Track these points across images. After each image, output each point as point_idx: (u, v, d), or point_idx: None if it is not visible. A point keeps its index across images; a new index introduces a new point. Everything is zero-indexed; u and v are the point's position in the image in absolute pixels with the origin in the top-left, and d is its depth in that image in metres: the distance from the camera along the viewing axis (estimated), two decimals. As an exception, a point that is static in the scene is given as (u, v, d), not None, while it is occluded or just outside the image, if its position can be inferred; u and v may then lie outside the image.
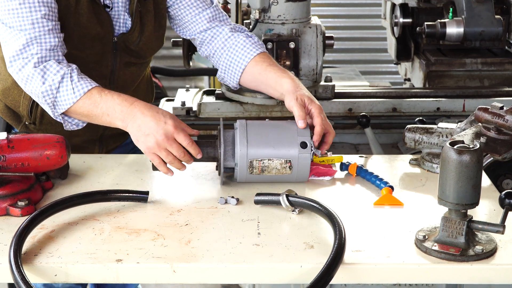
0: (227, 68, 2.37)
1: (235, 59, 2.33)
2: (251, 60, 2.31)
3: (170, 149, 1.99)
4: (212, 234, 1.80)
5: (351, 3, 7.25)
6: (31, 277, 1.61)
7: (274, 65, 2.29)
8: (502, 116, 1.87)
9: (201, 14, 2.38)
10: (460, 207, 1.65)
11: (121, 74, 2.37)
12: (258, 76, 2.29)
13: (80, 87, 2.07)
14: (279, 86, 2.21)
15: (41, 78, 2.07)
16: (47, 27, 2.09)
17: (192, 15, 2.38)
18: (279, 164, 2.04)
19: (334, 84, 3.50)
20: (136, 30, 2.31)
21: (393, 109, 3.46)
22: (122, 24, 2.29)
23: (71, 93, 2.07)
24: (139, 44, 2.34)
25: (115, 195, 1.97)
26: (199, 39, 2.41)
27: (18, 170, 1.95)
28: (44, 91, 2.07)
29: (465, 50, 4.04)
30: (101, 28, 2.25)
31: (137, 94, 2.39)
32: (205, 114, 3.40)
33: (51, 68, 2.08)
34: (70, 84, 2.07)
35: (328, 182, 2.14)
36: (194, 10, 2.38)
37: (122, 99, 2.06)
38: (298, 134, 2.05)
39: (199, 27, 2.39)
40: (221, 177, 2.06)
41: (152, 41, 2.39)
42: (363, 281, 1.68)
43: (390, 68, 6.87)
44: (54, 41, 2.10)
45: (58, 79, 2.07)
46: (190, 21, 2.39)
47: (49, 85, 2.07)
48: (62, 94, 2.08)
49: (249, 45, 2.33)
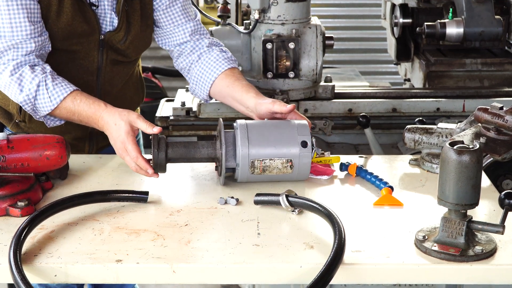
0: (198, 81, 2.42)
1: (207, 71, 2.39)
2: (221, 74, 2.37)
3: (125, 161, 2.09)
4: (212, 235, 1.80)
5: (351, 3, 7.25)
6: (31, 277, 1.61)
7: (242, 79, 2.35)
8: (501, 116, 1.87)
9: (184, 25, 2.43)
10: (460, 207, 1.65)
11: (108, 71, 2.39)
12: (225, 89, 2.35)
13: (56, 95, 2.16)
14: (244, 101, 2.28)
15: (18, 86, 2.16)
16: (25, 31, 2.15)
17: (175, 25, 2.43)
18: (280, 164, 2.04)
19: (334, 84, 3.50)
20: (123, 29, 2.33)
21: (393, 110, 3.46)
22: (108, 23, 2.32)
23: (48, 101, 2.17)
24: (126, 43, 2.36)
25: (115, 196, 1.97)
26: (178, 51, 2.46)
27: (18, 170, 1.95)
28: (22, 100, 2.17)
29: (465, 51, 4.04)
30: (87, 26, 2.28)
31: (126, 92, 2.42)
32: (205, 114, 3.40)
33: (26, 76, 2.16)
34: (46, 92, 2.16)
35: (327, 182, 2.14)
36: (177, 20, 2.42)
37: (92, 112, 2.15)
38: (298, 133, 2.06)
39: (180, 38, 2.44)
40: (222, 178, 2.06)
41: (138, 40, 2.41)
42: (363, 282, 1.68)
43: (390, 68, 6.86)
44: (31, 46, 2.17)
45: (34, 88, 2.16)
46: (172, 31, 2.44)
47: (26, 95, 2.16)
48: (40, 102, 2.17)
49: (222, 59, 2.40)
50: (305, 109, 3.36)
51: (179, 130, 3.45)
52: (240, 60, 3.39)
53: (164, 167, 2.04)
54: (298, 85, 3.29)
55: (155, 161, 2.02)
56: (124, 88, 2.47)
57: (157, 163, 2.02)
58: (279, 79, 3.26)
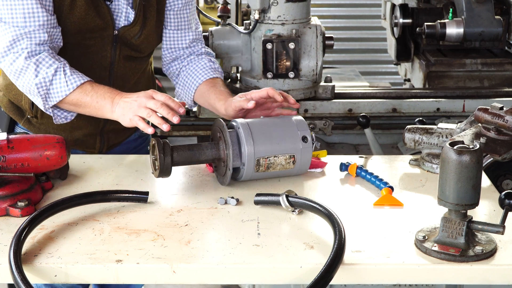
0: (184, 86, 2.49)
1: (193, 77, 2.46)
2: (205, 81, 2.43)
3: (149, 105, 2.07)
4: (212, 235, 1.80)
5: (351, 3, 7.26)
6: (31, 277, 1.61)
7: (220, 86, 2.40)
8: (502, 116, 1.87)
9: (187, 32, 2.49)
10: (460, 207, 1.65)
11: (120, 67, 2.40)
12: (204, 95, 2.42)
13: (73, 81, 2.16)
14: (217, 107, 2.33)
15: (34, 71, 2.15)
16: (38, 22, 2.15)
17: (180, 29, 2.48)
18: (283, 160, 2.06)
19: (334, 84, 3.50)
20: (138, 24, 2.34)
21: (393, 110, 3.46)
22: (124, 17, 2.32)
23: (64, 85, 2.15)
24: (140, 37, 2.37)
25: (115, 196, 1.97)
26: (174, 55, 2.52)
27: (18, 170, 1.95)
28: (38, 83, 2.15)
29: (465, 51, 4.04)
30: (100, 21, 2.27)
31: (138, 88, 2.42)
32: (205, 114, 3.40)
33: (43, 61, 2.15)
34: (63, 77, 2.15)
35: (326, 182, 2.14)
36: (184, 25, 2.48)
37: (112, 89, 2.18)
38: (298, 128, 2.09)
39: (180, 43, 2.50)
40: (227, 178, 2.06)
41: (152, 35, 2.43)
42: (363, 282, 1.68)
43: (390, 68, 6.87)
44: (44, 36, 2.16)
45: (51, 72, 2.15)
46: (175, 35, 2.49)
47: (42, 77, 2.14)
48: (55, 87, 2.16)
49: (208, 68, 2.46)
50: (305, 109, 3.37)
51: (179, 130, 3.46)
52: (240, 60, 3.39)
53: (170, 171, 2.04)
54: (298, 85, 3.29)
55: (162, 166, 2.01)
56: (136, 85, 2.49)
57: (163, 168, 2.01)
58: (279, 79, 3.27)
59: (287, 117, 2.15)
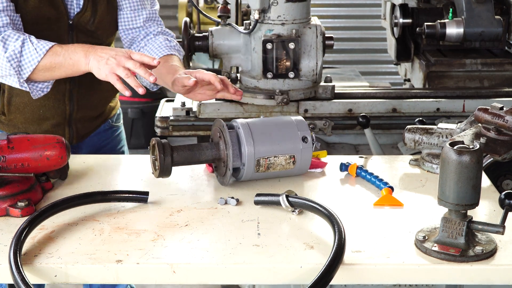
0: None
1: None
2: (159, 58, 2.41)
3: (128, 65, 2.07)
4: (212, 235, 1.80)
5: (351, 3, 7.26)
6: (31, 278, 1.61)
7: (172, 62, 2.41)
8: (502, 116, 1.87)
9: (140, 11, 2.51)
10: (460, 207, 1.65)
11: None
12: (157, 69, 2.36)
13: (42, 46, 2.18)
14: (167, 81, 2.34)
15: (3, 47, 2.18)
16: None
17: (132, 9, 2.50)
18: (284, 160, 2.06)
19: (334, 84, 3.50)
20: (89, 9, 2.39)
21: (393, 110, 3.46)
22: (75, 5, 2.37)
23: (34, 53, 2.18)
24: (94, 23, 2.42)
25: (115, 196, 1.97)
26: (131, 37, 2.53)
27: (18, 170, 1.95)
28: (8, 56, 2.17)
29: (465, 51, 4.04)
30: (54, 10, 2.32)
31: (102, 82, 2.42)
32: (205, 114, 3.40)
33: (9, 37, 2.19)
34: (31, 45, 2.18)
35: (326, 182, 2.14)
36: (135, 5, 2.50)
37: (82, 44, 2.21)
38: (298, 129, 2.09)
39: (134, 23, 2.51)
40: (228, 178, 2.06)
41: (106, 19, 2.46)
42: (363, 282, 1.68)
43: (390, 68, 6.87)
44: (6, 19, 2.21)
45: (19, 43, 2.18)
46: (128, 16, 2.51)
47: (12, 51, 2.17)
48: (26, 56, 2.18)
49: (163, 46, 2.47)
50: (305, 109, 3.36)
51: (179, 130, 3.45)
52: (240, 60, 3.39)
53: (170, 172, 2.04)
54: (298, 85, 3.29)
55: (162, 166, 2.01)
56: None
57: (163, 168, 2.01)
58: (279, 79, 3.27)
59: (287, 117, 2.15)
